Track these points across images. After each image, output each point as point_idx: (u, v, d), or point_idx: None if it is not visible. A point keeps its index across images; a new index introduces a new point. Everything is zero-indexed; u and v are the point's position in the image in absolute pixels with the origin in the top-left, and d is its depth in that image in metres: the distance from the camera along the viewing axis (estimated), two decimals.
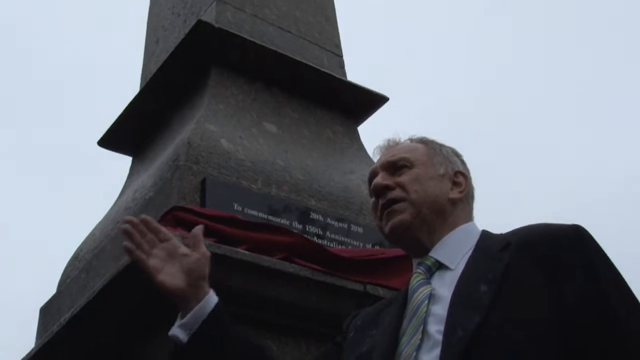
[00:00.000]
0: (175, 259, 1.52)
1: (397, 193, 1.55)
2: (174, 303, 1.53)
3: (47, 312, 3.87)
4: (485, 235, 1.53)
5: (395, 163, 1.60)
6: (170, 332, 1.51)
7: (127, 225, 1.53)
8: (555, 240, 1.39)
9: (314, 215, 3.40)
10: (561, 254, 1.37)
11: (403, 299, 1.50)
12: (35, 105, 16.65)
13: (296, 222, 3.32)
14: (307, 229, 3.33)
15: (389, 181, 1.57)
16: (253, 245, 2.85)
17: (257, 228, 2.97)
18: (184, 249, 1.54)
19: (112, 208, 4.07)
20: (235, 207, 3.15)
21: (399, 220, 1.53)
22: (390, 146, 1.68)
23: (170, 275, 1.50)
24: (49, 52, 16.98)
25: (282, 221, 3.29)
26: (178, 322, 1.51)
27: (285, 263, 2.94)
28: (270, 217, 3.25)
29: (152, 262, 1.51)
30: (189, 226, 2.83)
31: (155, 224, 1.56)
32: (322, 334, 3.00)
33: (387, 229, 1.56)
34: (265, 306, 2.92)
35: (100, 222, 4.04)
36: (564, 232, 1.41)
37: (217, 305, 1.51)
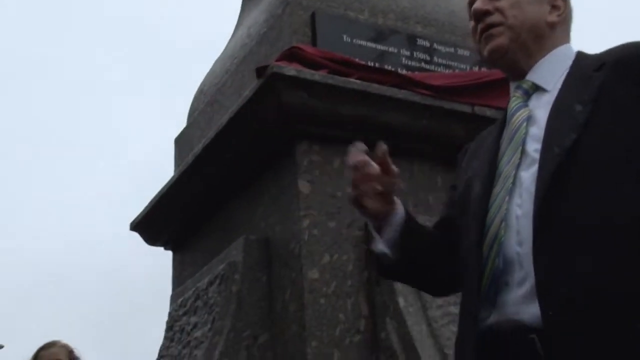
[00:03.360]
0: (369, 182, 1.51)
1: (495, 18, 1.57)
2: (367, 219, 1.60)
3: (180, 142, 4.24)
4: (580, 55, 1.56)
5: None
6: (378, 249, 1.57)
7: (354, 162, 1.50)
8: None
9: (420, 42, 3.48)
10: None
11: (501, 123, 1.57)
12: None
13: (404, 49, 3.43)
14: (415, 55, 3.44)
15: (488, 6, 1.58)
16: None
17: (369, 70, 3.11)
18: (374, 167, 1.51)
19: (228, 44, 4.28)
20: (345, 39, 3.28)
21: (496, 44, 1.56)
22: None
23: (370, 198, 1.52)
24: None
25: (390, 49, 3.40)
26: (379, 239, 1.57)
27: (395, 90, 3.10)
28: (379, 46, 3.37)
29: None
30: (304, 62, 3.02)
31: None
32: (432, 154, 3.20)
33: (485, 52, 1.59)
34: (379, 131, 3.11)
35: (218, 58, 4.28)
36: None
37: (406, 213, 1.57)
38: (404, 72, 3.29)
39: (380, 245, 1.57)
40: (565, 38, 1.62)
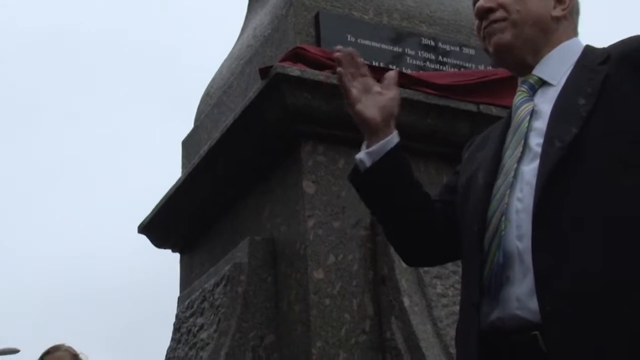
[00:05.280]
0: (370, 95, 1.61)
1: (498, 14, 1.57)
2: (363, 131, 1.64)
3: (188, 145, 4.24)
4: (587, 50, 1.54)
5: None
6: (357, 156, 1.63)
7: (339, 54, 1.63)
8: None
9: (425, 41, 3.47)
10: None
11: (507, 118, 1.57)
12: None
13: (408, 49, 3.42)
14: (420, 55, 3.43)
15: (491, 3, 1.59)
16: None
17: (373, 69, 3.09)
18: (378, 87, 1.63)
19: (235, 46, 4.29)
20: (349, 39, 3.28)
21: (499, 39, 1.56)
22: None
23: (366, 107, 1.60)
24: None
25: (395, 49, 3.40)
26: (364, 149, 1.62)
27: (400, 89, 3.05)
28: (383, 46, 3.37)
29: (354, 92, 1.60)
30: (308, 62, 3.01)
31: (359, 59, 1.65)
32: (438, 153, 3.19)
33: (490, 49, 1.60)
34: None
35: (225, 60, 4.29)
36: None
37: (399, 143, 1.62)
38: (408, 71, 3.28)
39: (362, 154, 1.61)
40: (572, 32, 1.61)
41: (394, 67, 3.28)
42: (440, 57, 3.46)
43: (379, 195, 1.65)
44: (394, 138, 1.61)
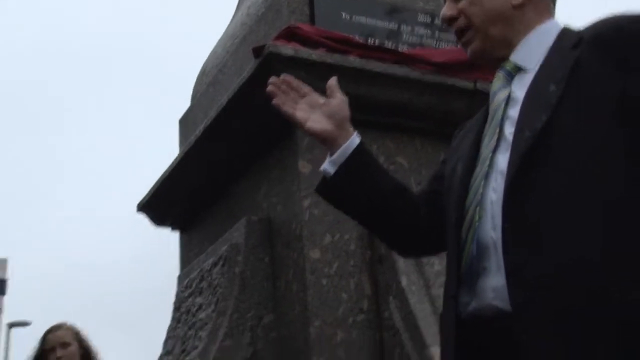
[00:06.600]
0: (317, 109, 1.64)
1: (461, 22, 1.56)
2: (322, 145, 1.66)
3: (185, 123, 4.23)
4: (564, 32, 1.49)
5: None
6: (321, 168, 1.65)
7: (271, 87, 1.67)
8: (624, 30, 1.36)
9: (422, 17, 3.43)
10: (630, 43, 1.34)
11: (487, 105, 1.54)
12: None
13: (404, 25, 3.38)
14: (416, 31, 3.39)
15: (453, 11, 1.57)
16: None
17: (367, 48, 3.07)
18: (323, 99, 1.65)
19: (229, 24, 4.25)
20: (344, 16, 3.24)
21: (472, 51, 1.55)
22: None
23: (316, 122, 1.62)
24: None
25: (390, 25, 3.36)
26: (328, 159, 1.64)
27: (396, 67, 3.06)
28: (379, 23, 3.33)
29: (299, 114, 1.63)
30: (302, 41, 2.98)
31: (296, 82, 1.68)
32: (434, 131, 3.17)
33: (469, 57, 1.60)
34: (380, 109, 3.09)
35: (220, 39, 4.25)
36: (634, 21, 1.38)
37: (360, 143, 1.64)
38: (405, 48, 3.25)
39: (326, 164, 1.63)
40: (545, 13, 1.54)
41: (390, 43, 3.26)
42: (437, 33, 3.43)
43: (352, 198, 1.66)
44: (354, 140, 1.63)
